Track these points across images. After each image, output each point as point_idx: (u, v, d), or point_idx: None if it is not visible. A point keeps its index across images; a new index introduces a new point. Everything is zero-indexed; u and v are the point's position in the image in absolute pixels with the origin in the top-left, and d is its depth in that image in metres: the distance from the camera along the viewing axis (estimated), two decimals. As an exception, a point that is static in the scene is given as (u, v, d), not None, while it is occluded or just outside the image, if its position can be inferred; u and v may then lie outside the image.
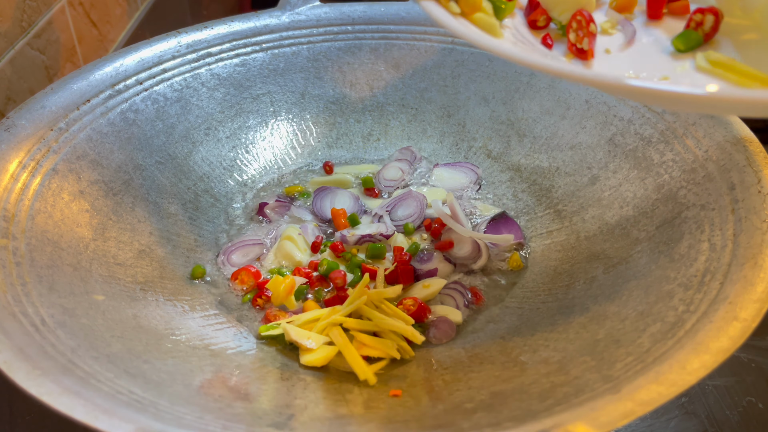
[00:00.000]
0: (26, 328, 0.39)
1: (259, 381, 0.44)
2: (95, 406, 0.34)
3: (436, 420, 0.39)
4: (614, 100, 0.59)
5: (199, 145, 0.64)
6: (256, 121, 0.68)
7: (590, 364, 0.40)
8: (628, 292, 0.46)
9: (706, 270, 0.43)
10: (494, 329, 0.50)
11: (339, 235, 0.58)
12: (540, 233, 0.59)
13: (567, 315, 0.48)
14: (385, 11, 0.70)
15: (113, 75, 0.60)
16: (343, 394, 0.43)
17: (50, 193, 0.50)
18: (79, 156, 0.54)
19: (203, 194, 0.63)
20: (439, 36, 0.69)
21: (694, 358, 0.36)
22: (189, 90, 0.64)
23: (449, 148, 0.68)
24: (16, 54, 0.62)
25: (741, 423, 0.50)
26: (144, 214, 0.56)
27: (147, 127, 0.61)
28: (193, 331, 0.48)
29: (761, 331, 0.38)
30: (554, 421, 0.34)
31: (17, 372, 0.35)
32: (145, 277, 0.52)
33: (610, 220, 0.55)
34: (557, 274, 0.54)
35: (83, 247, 0.50)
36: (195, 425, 0.35)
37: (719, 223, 0.46)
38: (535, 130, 0.64)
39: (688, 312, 0.40)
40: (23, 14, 0.63)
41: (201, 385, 0.42)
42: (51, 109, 0.54)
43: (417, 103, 0.70)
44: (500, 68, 0.67)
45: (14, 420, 0.50)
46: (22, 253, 0.45)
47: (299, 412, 0.40)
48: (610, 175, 0.57)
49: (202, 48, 0.65)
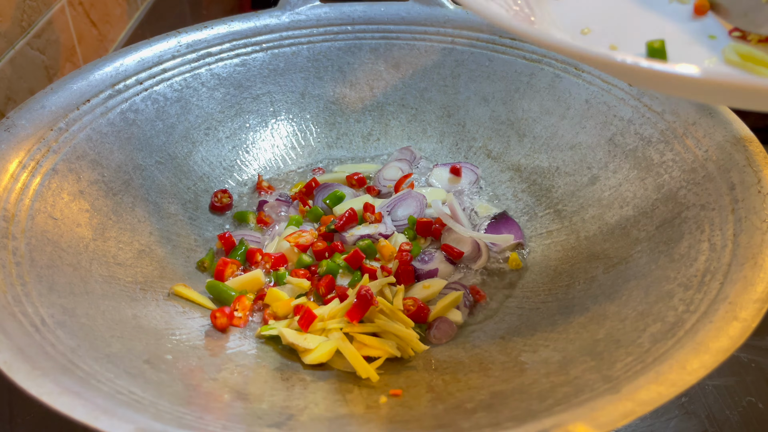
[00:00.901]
0: (26, 328, 0.39)
1: (259, 381, 0.44)
2: (95, 406, 0.34)
3: (436, 420, 0.39)
4: (614, 100, 0.59)
5: (199, 145, 0.64)
6: (256, 121, 0.68)
7: (590, 364, 0.40)
8: (628, 292, 0.46)
9: (706, 270, 0.43)
10: (494, 329, 0.50)
11: (338, 235, 0.58)
12: (540, 233, 0.59)
13: (567, 315, 0.48)
14: (385, 11, 0.70)
15: (113, 75, 0.60)
16: (343, 394, 0.43)
17: (50, 193, 0.50)
18: (79, 156, 0.54)
19: (203, 194, 0.62)
20: (439, 36, 0.69)
21: (694, 358, 0.36)
22: (189, 90, 0.64)
23: (449, 148, 0.68)
24: (16, 54, 0.62)
25: (741, 423, 0.50)
26: (144, 214, 0.56)
27: (147, 127, 0.61)
28: (193, 331, 0.48)
29: (761, 331, 0.38)
30: (554, 421, 0.34)
31: (17, 372, 0.35)
32: (145, 277, 0.52)
33: (610, 220, 0.55)
34: (557, 274, 0.54)
35: (83, 247, 0.50)
36: (195, 425, 0.35)
37: (719, 223, 0.46)
38: (535, 130, 0.64)
39: (688, 312, 0.40)
40: (23, 14, 0.63)
41: (201, 385, 0.42)
42: (51, 109, 0.54)
43: (417, 103, 0.70)
44: (500, 68, 0.67)
45: (14, 420, 0.50)
46: (22, 253, 0.45)
47: (299, 412, 0.40)
48: (610, 175, 0.57)
49: (202, 48, 0.65)
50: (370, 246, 0.55)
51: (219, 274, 0.54)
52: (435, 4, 0.69)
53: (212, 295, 0.53)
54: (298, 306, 0.51)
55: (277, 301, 0.52)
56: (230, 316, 0.50)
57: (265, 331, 0.49)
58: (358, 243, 0.56)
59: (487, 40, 0.67)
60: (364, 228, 0.58)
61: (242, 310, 0.51)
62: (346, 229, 0.58)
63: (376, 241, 0.56)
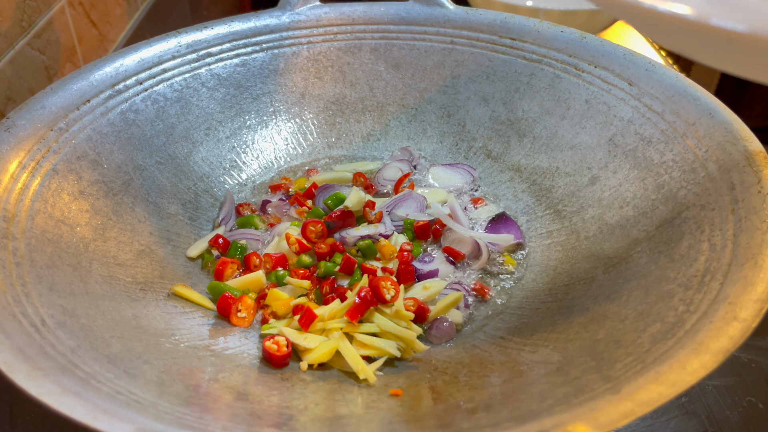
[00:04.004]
0: (26, 328, 0.39)
1: (259, 381, 0.44)
2: (95, 406, 0.34)
3: (436, 420, 0.39)
4: (614, 100, 0.59)
5: (199, 145, 0.64)
6: (256, 121, 0.68)
7: (590, 365, 0.40)
8: (628, 292, 0.46)
9: (706, 270, 0.43)
10: (494, 329, 0.50)
11: (338, 235, 0.58)
12: (540, 233, 0.59)
13: (567, 315, 0.48)
14: (385, 11, 0.70)
15: (113, 75, 0.60)
16: (343, 394, 0.43)
17: (50, 194, 0.50)
18: (79, 156, 0.54)
19: (203, 194, 0.62)
20: (439, 36, 0.69)
21: (694, 358, 0.36)
22: (189, 90, 0.64)
23: (449, 148, 0.68)
24: (16, 54, 0.62)
25: (741, 423, 0.50)
26: (144, 214, 0.56)
27: (147, 127, 0.61)
28: (194, 331, 0.48)
29: (761, 331, 0.38)
30: (554, 421, 0.34)
31: (17, 372, 0.35)
32: (145, 277, 0.52)
33: (610, 220, 0.55)
34: (557, 274, 0.54)
35: (83, 247, 0.50)
36: (195, 425, 0.35)
37: (719, 223, 0.46)
38: (535, 130, 0.64)
39: (688, 312, 0.40)
40: (23, 14, 0.63)
41: (201, 385, 0.41)
42: (51, 109, 0.54)
43: (417, 103, 0.70)
44: (500, 68, 0.67)
45: (14, 420, 0.50)
46: (22, 253, 0.45)
47: (299, 412, 0.40)
48: (610, 175, 0.57)
49: (202, 48, 0.65)
50: (370, 246, 0.55)
51: (219, 274, 0.54)
52: (435, 4, 0.69)
53: (213, 296, 0.53)
54: (298, 306, 0.51)
55: (277, 301, 0.52)
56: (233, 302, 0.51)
57: (266, 330, 0.50)
58: (359, 243, 0.56)
59: (487, 40, 0.67)
60: (364, 228, 0.58)
61: (246, 310, 0.51)
62: (342, 227, 0.58)
63: (376, 241, 0.56)
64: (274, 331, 0.49)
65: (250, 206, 0.62)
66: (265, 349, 0.46)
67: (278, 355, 0.46)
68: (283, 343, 0.47)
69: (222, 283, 0.53)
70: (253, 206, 0.63)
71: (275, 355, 0.46)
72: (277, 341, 0.47)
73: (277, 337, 0.47)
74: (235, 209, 0.62)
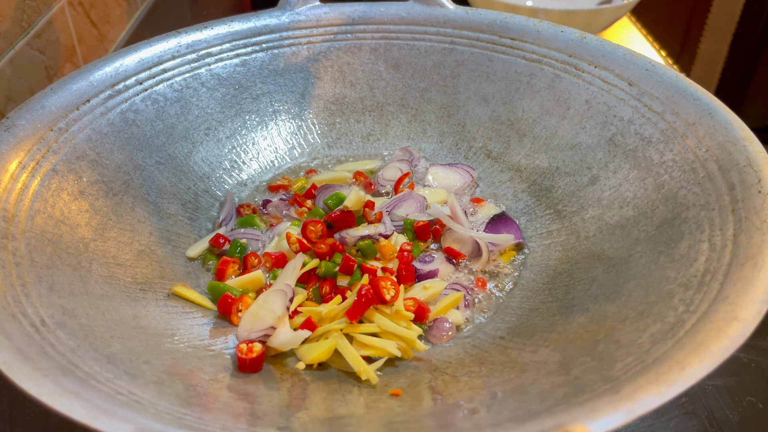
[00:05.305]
0: (26, 328, 0.39)
1: (259, 381, 0.44)
2: (95, 406, 0.34)
3: (436, 420, 0.39)
4: (614, 100, 0.59)
5: (199, 145, 0.64)
6: (256, 121, 0.68)
7: (590, 364, 0.40)
8: (628, 292, 0.46)
9: (706, 270, 0.43)
10: (494, 329, 0.50)
11: (338, 235, 0.58)
12: (540, 233, 0.59)
13: (567, 315, 0.48)
14: (385, 11, 0.70)
15: (113, 75, 0.60)
16: (343, 394, 0.43)
17: (50, 194, 0.50)
18: (78, 156, 0.54)
19: (203, 194, 0.62)
20: (439, 36, 0.69)
21: (694, 359, 0.36)
22: (189, 90, 0.64)
23: (449, 148, 0.68)
24: (16, 54, 0.62)
25: (741, 423, 0.50)
26: (144, 214, 0.56)
27: (147, 127, 0.61)
28: (194, 331, 0.48)
29: (761, 331, 0.38)
30: (554, 421, 0.34)
31: (17, 372, 0.35)
32: (145, 277, 0.52)
33: (610, 220, 0.55)
34: (557, 274, 0.54)
35: (83, 247, 0.50)
36: (195, 425, 0.35)
37: (719, 223, 0.46)
38: (535, 130, 0.64)
39: (688, 312, 0.40)
40: (23, 14, 0.63)
41: (201, 385, 0.41)
42: (51, 109, 0.54)
43: (417, 103, 0.70)
44: (500, 68, 0.67)
45: (14, 420, 0.50)
46: (21, 253, 0.45)
47: (299, 412, 0.40)
48: (610, 175, 0.57)
49: (202, 48, 0.65)
50: (370, 246, 0.55)
51: (220, 273, 0.54)
52: (435, 4, 0.69)
53: (213, 296, 0.53)
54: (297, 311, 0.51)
55: None
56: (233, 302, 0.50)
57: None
58: (359, 243, 0.56)
59: (487, 40, 0.67)
60: (364, 228, 0.58)
61: (246, 310, 0.51)
62: (342, 228, 0.58)
63: (376, 241, 0.56)
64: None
65: (250, 207, 0.62)
66: (237, 353, 0.45)
67: (246, 359, 0.45)
68: (257, 349, 0.46)
69: (221, 282, 0.53)
70: (254, 206, 0.63)
71: (243, 358, 0.45)
72: (251, 347, 0.46)
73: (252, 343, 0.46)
74: (236, 210, 0.62)
